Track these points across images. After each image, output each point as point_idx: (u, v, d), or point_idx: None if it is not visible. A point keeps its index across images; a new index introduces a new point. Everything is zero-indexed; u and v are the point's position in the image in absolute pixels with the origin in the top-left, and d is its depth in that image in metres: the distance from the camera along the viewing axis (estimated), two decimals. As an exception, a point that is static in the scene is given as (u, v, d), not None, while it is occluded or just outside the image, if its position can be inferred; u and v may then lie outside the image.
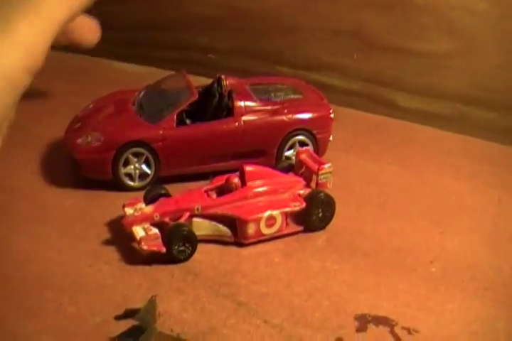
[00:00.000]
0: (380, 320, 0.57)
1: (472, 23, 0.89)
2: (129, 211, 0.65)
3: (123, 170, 0.73)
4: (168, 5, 1.05)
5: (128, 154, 0.72)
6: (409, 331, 0.56)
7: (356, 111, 0.97)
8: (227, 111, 0.75)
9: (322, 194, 0.68)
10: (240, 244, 0.66)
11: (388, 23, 0.94)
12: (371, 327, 0.56)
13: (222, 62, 1.04)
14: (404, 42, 0.94)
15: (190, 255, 0.63)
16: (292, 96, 0.80)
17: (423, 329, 0.57)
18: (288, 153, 0.78)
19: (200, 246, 0.64)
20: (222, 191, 0.67)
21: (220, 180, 0.69)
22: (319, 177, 0.70)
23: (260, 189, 0.67)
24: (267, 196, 0.67)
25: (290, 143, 0.78)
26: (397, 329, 0.56)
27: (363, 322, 0.57)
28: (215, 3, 1.02)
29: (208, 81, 0.79)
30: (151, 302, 0.56)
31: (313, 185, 0.71)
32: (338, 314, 0.57)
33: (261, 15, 1.00)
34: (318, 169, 0.69)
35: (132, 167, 0.73)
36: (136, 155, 0.73)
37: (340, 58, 0.98)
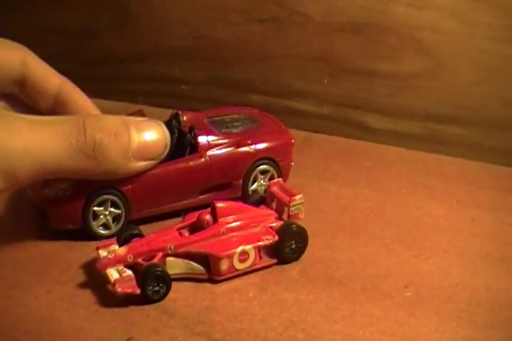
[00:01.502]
0: (355, 350, 0.58)
1: (441, 42, 0.90)
2: (102, 253, 0.65)
3: (95, 223, 0.72)
4: (138, 37, 1.05)
5: (95, 205, 0.71)
6: (384, 359, 0.57)
7: (328, 136, 0.98)
8: (191, 147, 0.75)
9: (294, 226, 0.69)
10: (214, 281, 0.66)
11: (357, 46, 0.95)
12: (346, 357, 0.57)
13: (194, 93, 1.05)
14: (373, 64, 0.95)
15: (165, 295, 0.63)
16: (250, 126, 0.81)
17: (399, 356, 0.57)
18: (253, 187, 0.79)
19: (175, 285, 0.64)
20: (195, 228, 0.68)
21: (192, 218, 0.69)
22: (291, 209, 0.70)
23: (232, 224, 0.68)
24: (240, 231, 0.68)
25: (255, 172, 0.78)
26: (373, 358, 0.57)
27: (338, 353, 0.57)
28: (184, 34, 1.03)
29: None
30: (128, 345, 0.56)
31: (285, 216, 0.71)
32: (313, 346, 0.58)
33: (231, 45, 1.01)
34: (289, 201, 0.70)
35: (102, 216, 0.72)
36: (101, 204, 0.72)
37: (311, 84, 0.99)
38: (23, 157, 0.57)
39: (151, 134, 0.67)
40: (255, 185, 0.79)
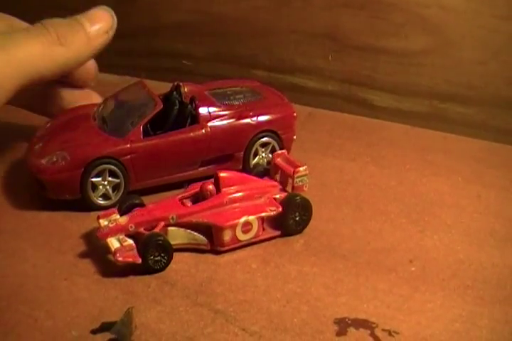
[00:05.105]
0: (360, 323, 0.57)
1: (447, 19, 0.89)
2: (103, 222, 0.64)
3: (94, 194, 0.71)
4: (139, 12, 1.04)
5: (93, 175, 0.70)
6: (389, 333, 0.56)
7: (332, 112, 0.97)
8: (192, 118, 0.74)
9: (298, 197, 0.68)
10: (217, 252, 0.65)
11: (362, 22, 0.93)
12: (351, 330, 0.56)
13: (197, 68, 1.04)
14: (378, 41, 0.93)
15: (166, 265, 0.62)
16: (252, 98, 0.80)
17: (404, 330, 0.56)
18: (255, 161, 0.78)
19: (176, 255, 0.63)
20: (198, 199, 0.67)
21: (194, 188, 0.68)
22: (295, 181, 0.69)
23: (235, 195, 0.67)
24: (243, 202, 0.67)
25: (256, 145, 0.78)
26: (378, 332, 0.56)
27: (343, 326, 0.56)
28: (187, 8, 1.02)
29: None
30: (128, 315, 0.55)
31: (289, 188, 0.70)
32: (317, 319, 0.57)
33: (235, 20, 1.00)
34: (293, 172, 0.69)
35: (101, 187, 0.71)
36: (99, 175, 0.71)
37: (315, 60, 0.97)
38: (6, 66, 0.62)
39: (95, 11, 0.72)
40: (257, 158, 0.78)
